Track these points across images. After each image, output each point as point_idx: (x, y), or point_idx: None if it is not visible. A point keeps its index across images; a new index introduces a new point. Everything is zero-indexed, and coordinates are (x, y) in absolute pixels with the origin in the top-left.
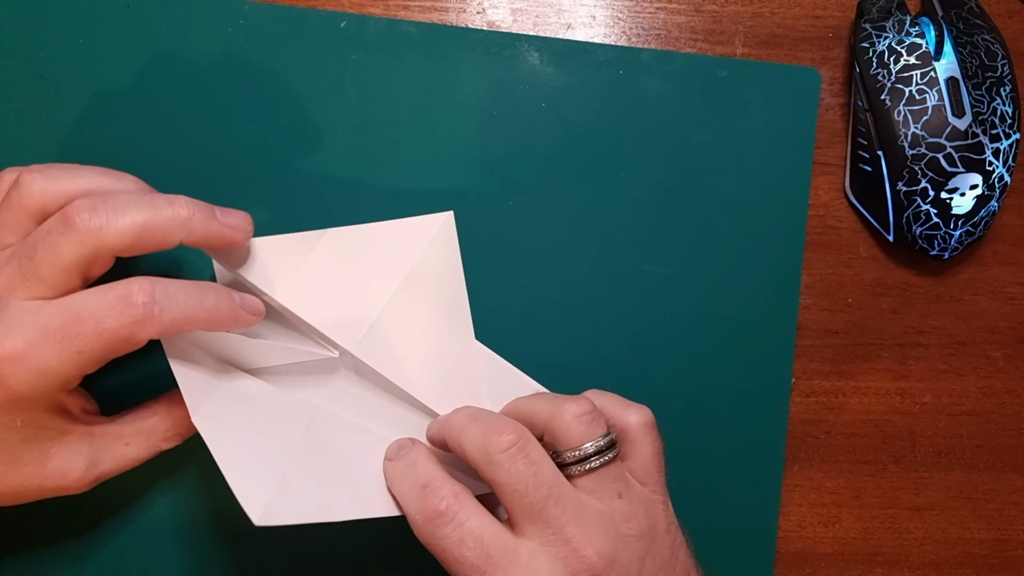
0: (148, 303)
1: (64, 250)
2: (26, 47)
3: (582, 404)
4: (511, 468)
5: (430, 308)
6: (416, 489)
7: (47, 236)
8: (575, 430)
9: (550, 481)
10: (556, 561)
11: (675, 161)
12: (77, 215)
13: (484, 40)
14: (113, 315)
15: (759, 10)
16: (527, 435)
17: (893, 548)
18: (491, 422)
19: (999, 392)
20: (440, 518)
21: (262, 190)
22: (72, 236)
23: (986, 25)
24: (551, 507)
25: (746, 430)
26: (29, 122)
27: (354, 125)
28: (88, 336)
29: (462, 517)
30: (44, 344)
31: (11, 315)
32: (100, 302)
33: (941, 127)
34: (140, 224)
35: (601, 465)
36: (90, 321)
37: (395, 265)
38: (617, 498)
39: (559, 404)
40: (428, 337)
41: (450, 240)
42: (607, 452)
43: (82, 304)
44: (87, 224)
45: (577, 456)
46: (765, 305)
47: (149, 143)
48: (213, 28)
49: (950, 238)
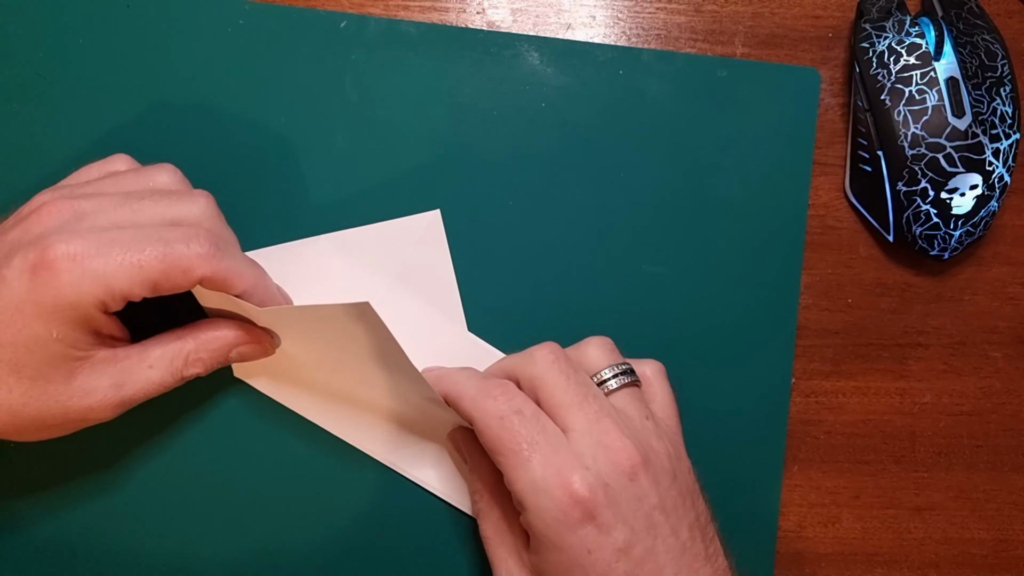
0: (212, 245)
1: (178, 209)
2: (26, 47)
3: (601, 338)
4: (553, 367)
5: (423, 304)
6: (475, 379)
7: (166, 197)
8: (596, 355)
9: (587, 382)
10: (599, 448)
11: (675, 161)
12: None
13: (484, 40)
14: (181, 244)
15: (759, 10)
16: (562, 349)
17: (893, 548)
18: (528, 351)
19: (999, 392)
20: (503, 395)
21: (262, 190)
22: (193, 207)
23: (986, 25)
24: (590, 403)
25: (746, 430)
26: (29, 122)
27: (354, 125)
28: (152, 256)
29: (519, 399)
30: (109, 251)
31: (86, 227)
32: (172, 233)
33: (941, 127)
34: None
35: (622, 386)
36: (159, 244)
37: (386, 265)
38: (645, 419)
39: (578, 344)
40: (422, 332)
41: (439, 237)
42: (627, 376)
43: (153, 231)
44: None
45: (610, 374)
46: (765, 305)
47: (149, 143)
48: (213, 28)
49: (950, 238)
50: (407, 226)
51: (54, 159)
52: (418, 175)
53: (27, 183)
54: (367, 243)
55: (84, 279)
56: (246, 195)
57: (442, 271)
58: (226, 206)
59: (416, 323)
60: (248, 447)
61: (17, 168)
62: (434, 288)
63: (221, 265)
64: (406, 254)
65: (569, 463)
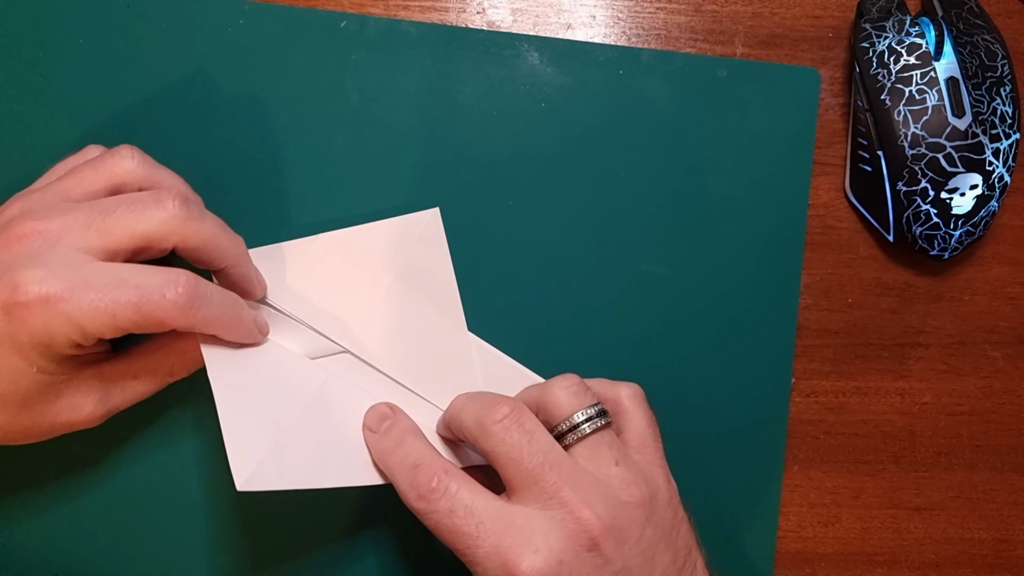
0: (190, 296)
1: (146, 220)
2: (26, 47)
3: (569, 378)
4: (505, 437)
5: (422, 303)
6: (407, 468)
7: (134, 203)
8: (563, 400)
9: (545, 448)
10: (553, 523)
11: (675, 161)
12: (171, 199)
13: (484, 40)
14: (156, 296)
15: (759, 10)
16: (521, 407)
17: (893, 548)
18: (487, 398)
19: (999, 392)
20: (432, 494)
21: (262, 189)
22: (159, 212)
23: (986, 25)
24: (547, 472)
25: (746, 430)
26: (29, 122)
27: (354, 125)
28: (126, 304)
29: (452, 490)
30: (82, 295)
31: (58, 258)
32: (148, 279)
33: (941, 127)
34: (212, 233)
35: (594, 431)
36: (133, 292)
37: (385, 264)
38: (614, 465)
39: (548, 383)
40: (422, 331)
41: (438, 235)
42: (598, 419)
43: (129, 274)
44: (175, 210)
45: (569, 425)
46: (765, 305)
47: (149, 143)
48: (213, 28)
49: (950, 238)
50: (406, 225)
51: (54, 159)
52: (418, 175)
53: (27, 183)
54: (366, 242)
55: (56, 321)
56: (246, 194)
57: (441, 270)
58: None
59: (415, 322)
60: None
61: (18, 168)
62: (433, 287)
63: (197, 317)
64: (405, 253)
65: (516, 549)
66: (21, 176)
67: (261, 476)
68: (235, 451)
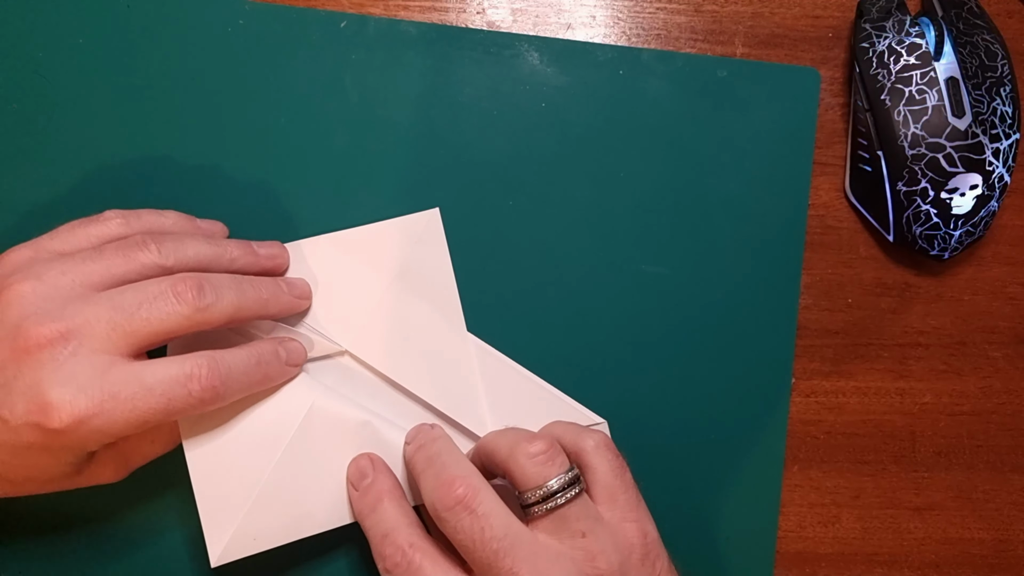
0: (213, 387)
1: (169, 320)
2: (26, 47)
3: (536, 444)
4: (457, 525)
5: (421, 303)
6: (378, 536)
7: (154, 300)
8: (530, 471)
9: (499, 534)
10: None
11: (675, 161)
12: (189, 289)
13: (484, 40)
14: (182, 395)
15: (759, 10)
16: (475, 486)
17: (893, 548)
18: (444, 472)
19: (999, 392)
20: (396, 568)
21: (262, 190)
22: (181, 309)
23: (986, 25)
24: (502, 560)
25: (746, 430)
26: (29, 122)
27: (354, 125)
28: (155, 411)
29: (416, 563)
30: (112, 409)
31: (83, 367)
32: (170, 379)
33: (941, 127)
34: (233, 308)
35: (565, 503)
36: (160, 398)
37: (385, 265)
38: (580, 537)
39: (515, 444)
40: (421, 331)
41: (437, 236)
42: (569, 489)
43: (152, 378)
44: (196, 302)
45: (537, 496)
46: (765, 305)
47: (149, 143)
48: (213, 28)
49: (950, 238)
50: (406, 225)
51: (54, 159)
52: (418, 175)
53: (27, 183)
54: (366, 242)
55: (90, 436)
56: (246, 195)
57: (441, 270)
58: (226, 205)
59: (414, 322)
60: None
61: (18, 168)
62: (433, 287)
63: (224, 399)
64: (405, 253)
65: None
66: (21, 176)
67: (234, 547)
68: (210, 526)
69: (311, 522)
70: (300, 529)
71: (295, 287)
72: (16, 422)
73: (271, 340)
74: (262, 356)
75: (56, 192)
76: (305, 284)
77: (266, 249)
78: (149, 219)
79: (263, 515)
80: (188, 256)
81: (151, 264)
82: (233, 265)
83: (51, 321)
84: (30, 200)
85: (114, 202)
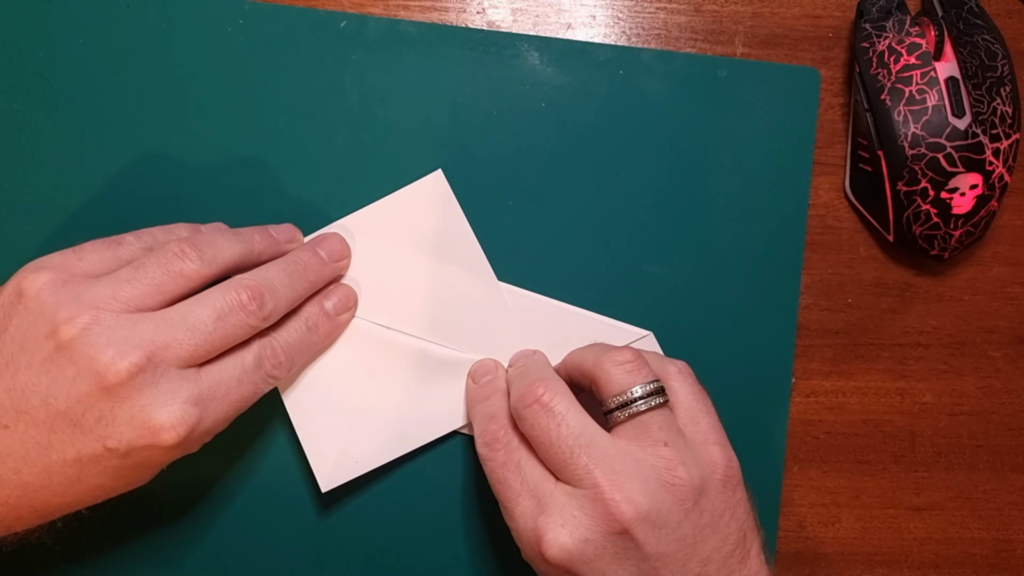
0: (281, 362)
1: (241, 331)
2: (26, 47)
3: (624, 354)
4: (535, 422)
5: (448, 265)
6: (485, 417)
7: (227, 316)
8: (616, 377)
9: (575, 431)
10: (584, 503)
11: (675, 161)
12: (252, 301)
13: (484, 40)
14: (261, 378)
15: (759, 10)
16: (554, 388)
17: (893, 548)
18: (528, 377)
19: (999, 392)
20: (495, 443)
21: (262, 189)
22: (250, 320)
23: (986, 25)
24: (577, 457)
25: (746, 430)
26: (29, 122)
27: (354, 125)
28: (245, 397)
29: (513, 445)
30: (215, 410)
31: (176, 383)
32: (248, 369)
33: (941, 127)
34: (289, 301)
35: (646, 410)
36: (247, 385)
37: (403, 237)
38: (663, 446)
39: (602, 353)
40: (454, 292)
41: (446, 196)
42: (652, 398)
43: (234, 372)
44: (260, 312)
45: (619, 402)
46: (765, 305)
47: (149, 143)
48: (213, 28)
49: (950, 238)
50: (414, 193)
51: (54, 159)
52: (418, 175)
53: (27, 183)
54: (379, 219)
55: (200, 438)
56: (246, 194)
57: (458, 228)
58: (226, 205)
59: (445, 284)
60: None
61: (18, 168)
62: (454, 246)
63: (294, 369)
64: (420, 220)
65: (546, 519)
66: (21, 176)
67: (339, 472)
68: (314, 456)
69: (404, 442)
70: (394, 449)
71: (331, 251)
72: (126, 449)
73: (313, 301)
74: (309, 319)
75: (56, 192)
76: (335, 246)
77: (283, 234)
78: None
79: (359, 440)
80: (225, 258)
81: (195, 274)
82: (260, 259)
83: (129, 350)
84: (30, 200)
85: (114, 202)
